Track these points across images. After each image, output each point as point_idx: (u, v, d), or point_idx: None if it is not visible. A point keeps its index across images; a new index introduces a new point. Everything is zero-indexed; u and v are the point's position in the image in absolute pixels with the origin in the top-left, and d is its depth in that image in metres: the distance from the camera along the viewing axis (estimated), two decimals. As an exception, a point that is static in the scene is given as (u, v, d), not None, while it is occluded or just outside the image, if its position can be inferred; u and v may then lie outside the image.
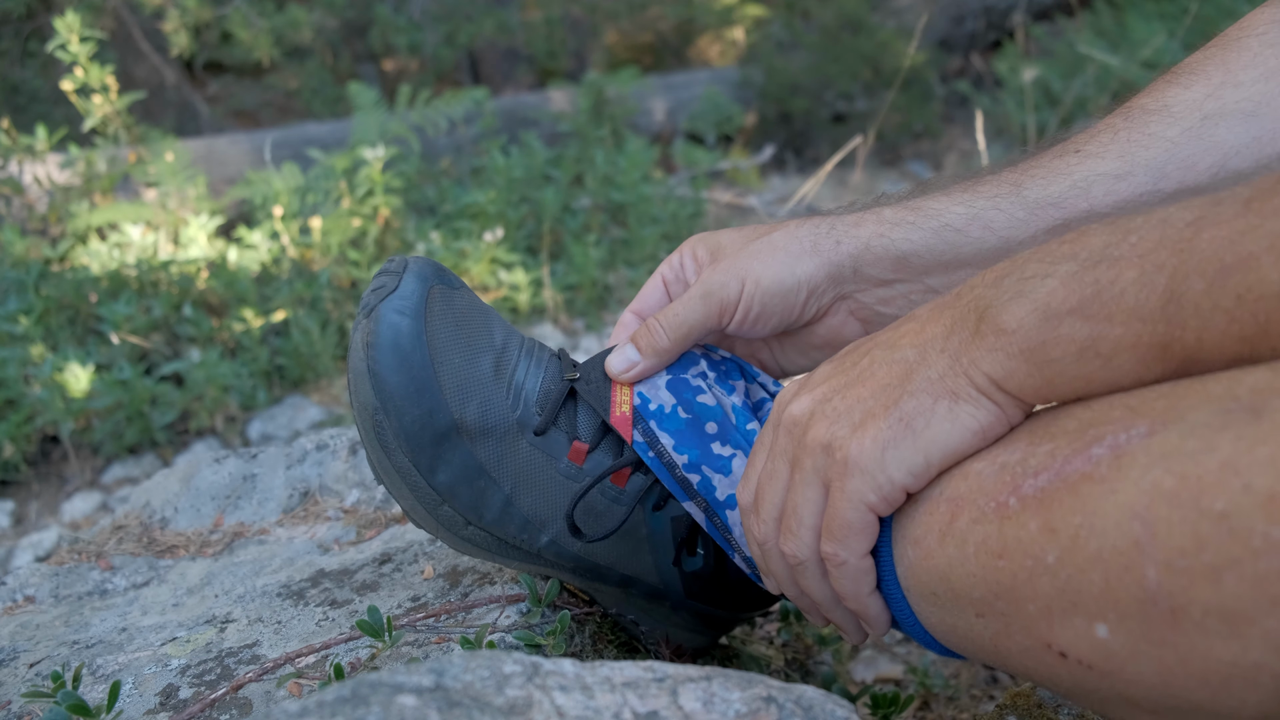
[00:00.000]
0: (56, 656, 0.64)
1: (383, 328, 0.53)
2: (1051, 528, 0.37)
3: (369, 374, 0.53)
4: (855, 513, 0.46)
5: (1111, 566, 0.34)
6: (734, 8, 4.68)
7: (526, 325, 2.18)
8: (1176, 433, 0.34)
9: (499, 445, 0.56)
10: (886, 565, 0.48)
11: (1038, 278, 0.41)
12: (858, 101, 3.85)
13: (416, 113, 2.62)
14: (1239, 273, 0.35)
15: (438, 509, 0.56)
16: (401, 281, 0.55)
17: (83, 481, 1.73)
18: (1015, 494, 0.40)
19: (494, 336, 0.58)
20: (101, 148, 2.32)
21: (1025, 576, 0.38)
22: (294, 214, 2.12)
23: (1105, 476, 0.36)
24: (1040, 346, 0.41)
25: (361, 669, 0.55)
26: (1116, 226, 0.40)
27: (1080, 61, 3.21)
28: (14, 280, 1.83)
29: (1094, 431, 0.38)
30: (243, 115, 4.62)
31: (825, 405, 0.48)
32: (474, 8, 4.28)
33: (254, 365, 1.83)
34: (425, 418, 0.54)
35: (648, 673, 0.42)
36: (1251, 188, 0.36)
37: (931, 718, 0.80)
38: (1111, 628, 0.35)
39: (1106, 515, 0.35)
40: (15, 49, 3.34)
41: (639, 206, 2.45)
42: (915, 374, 0.45)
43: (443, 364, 0.54)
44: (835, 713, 0.41)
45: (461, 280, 0.59)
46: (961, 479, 0.44)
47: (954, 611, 0.44)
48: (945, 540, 0.43)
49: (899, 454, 0.45)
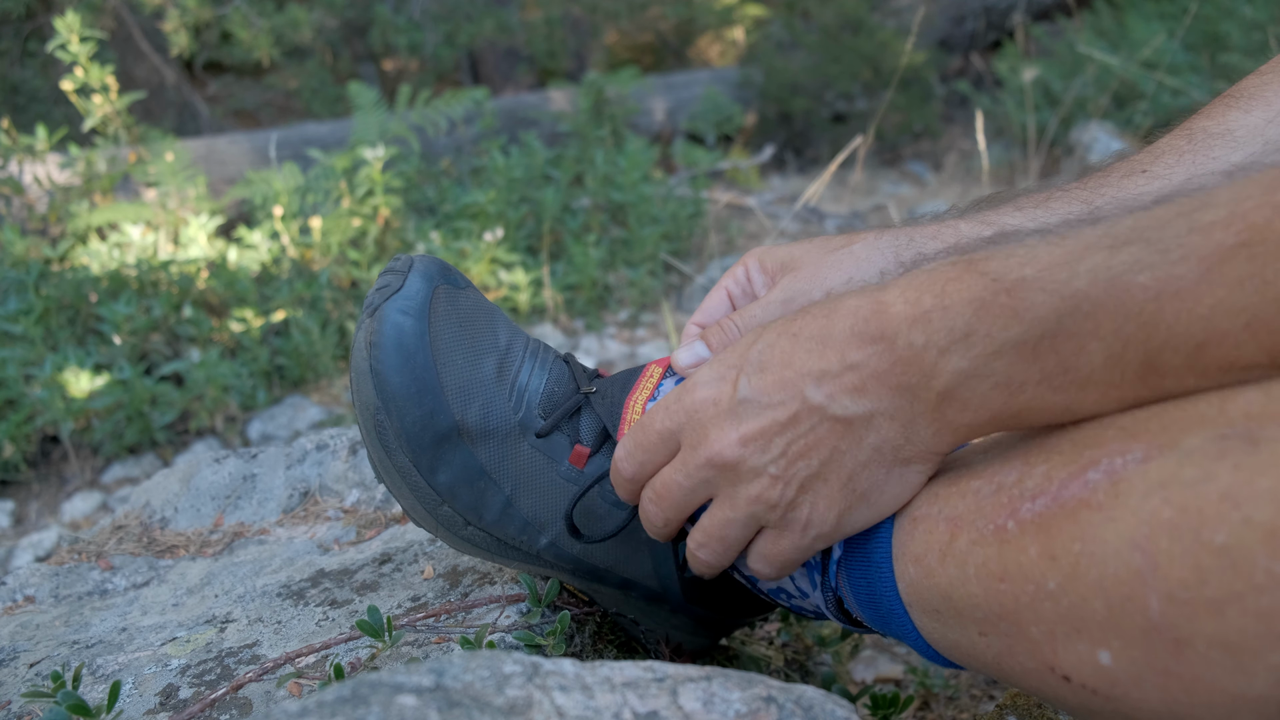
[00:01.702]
0: (56, 656, 0.64)
1: (386, 327, 0.53)
2: (1051, 554, 0.37)
3: (371, 374, 0.53)
4: (802, 555, 0.49)
5: (1113, 595, 0.34)
6: (734, 8, 4.68)
7: (526, 325, 2.18)
8: (1174, 460, 0.34)
9: (500, 447, 0.56)
10: (886, 580, 0.48)
11: (985, 347, 0.40)
12: (858, 101, 3.85)
13: (416, 113, 2.62)
14: (1216, 347, 0.35)
15: (438, 509, 0.56)
16: (406, 281, 0.55)
17: (83, 481, 1.73)
18: (1013, 517, 0.40)
19: (499, 337, 0.58)
20: (101, 148, 2.32)
21: (1027, 600, 0.38)
22: (294, 214, 2.12)
23: (1103, 504, 0.36)
24: (1003, 414, 0.41)
25: (361, 669, 0.55)
26: (1051, 280, 0.38)
27: (1080, 61, 3.21)
28: (14, 280, 1.83)
29: (1089, 454, 0.38)
30: (243, 115, 4.62)
31: (761, 455, 0.46)
32: (474, 8, 4.28)
33: (254, 365, 1.83)
34: (427, 419, 0.54)
35: (648, 673, 0.42)
36: (1204, 239, 0.35)
37: (931, 718, 0.80)
38: (1115, 655, 0.35)
39: (1106, 544, 0.35)
40: (15, 49, 3.34)
41: (639, 206, 2.45)
42: (864, 440, 0.45)
43: (445, 365, 0.54)
44: (835, 713, 0.41)
45: (468, 279, 0.59)
46: (959, 498, 0.44)
47: (957, 629, 0.44)
48: (946, 560, 0.43)
49: (854, 519, 0.47)
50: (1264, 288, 0.33)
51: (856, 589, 0.51)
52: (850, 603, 0.53)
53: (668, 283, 2.47)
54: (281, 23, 3.64)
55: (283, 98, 4.59)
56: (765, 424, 0.46)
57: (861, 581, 0.51)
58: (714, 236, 2.69)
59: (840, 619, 0.55)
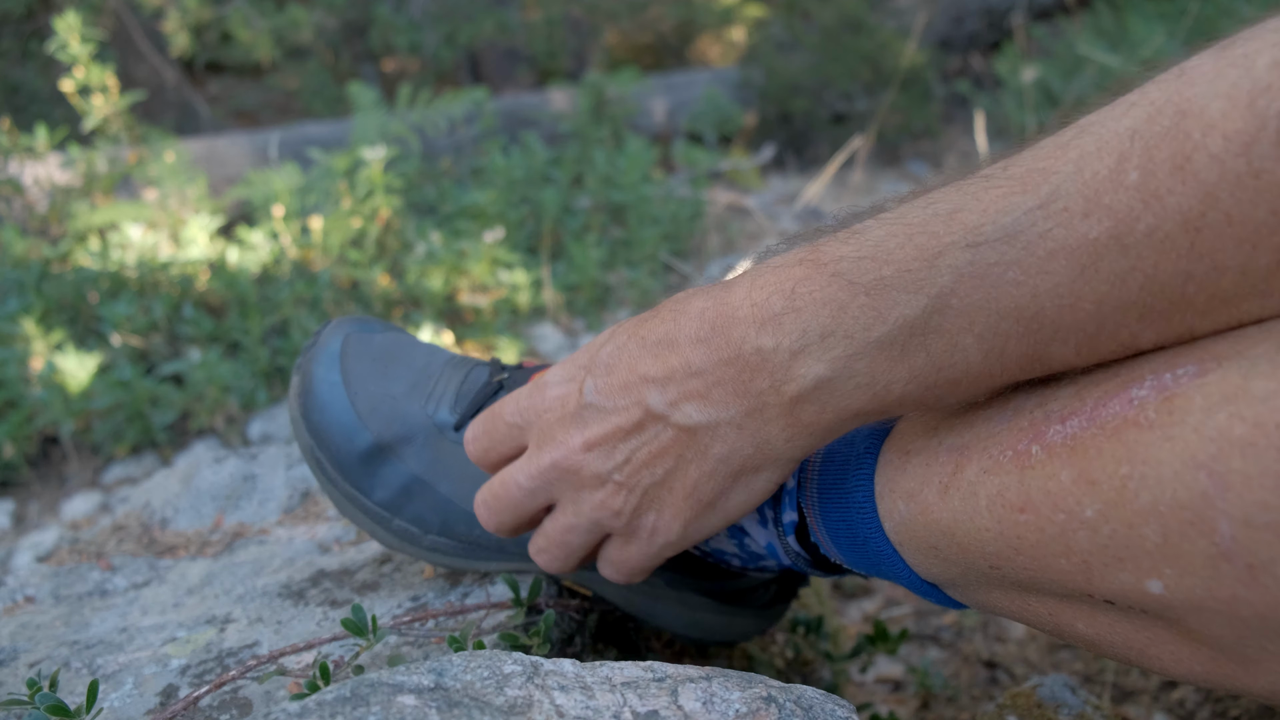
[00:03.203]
0: (56, 656, 0.64)
1: (305, 378, 0.61)
2: (1090, 479, 0.34)
3: (302, 419, 0.61)
4: (652, 562, 0.49)
5: (1171, 521, 0.32)
6: (734, 8, 4.68)
7: (527, 325, 2.18)
8: (1237, 371, 0.31)
9: (423, 449, 0.59)
10: (869, 520, 0.46)
11: (845, 349, 0.38)
12: (858, 101, 3.85)
13: (416, 113, 2.62)
14: (1110, 338, 0.34)
15: (391, 524, 0.60)
16: (320, 337, 0.63)
17: (83, 481, 1.73)
18: (1038, 441, 0.37)
19: (414, 360, 0.63)
20: (101, 148, 2.32)
21: (1056, 531, 0.36)
22: (294, 214, 2.12)
23: (1154, 422, 0.32)
24: (867, 412, 0.40)
25: (346, 668, 0.55)
26: (913, 280, 0.36)
27: (1080, 61, 3.21)
28: (14, 280, 1.83)
29: (1127, 372, 0.35)
30: (243, 115, 4.62)
31: (605, 462, 0.46)
32: (474, 8, 4.28)
33: (254, 365, 1.83)
34: (347, 443, 0.60)
35: (648, 673, 0.42)
36: (1067, 232, 0.33)
37: (931, 718, 0.80)
38: (1169, 584, 0.33)
39: (1162, 465, 0.32)
40: (15, 49, 3.34)
41: (639, 207, 2.45)
42: (709, 450, 0.43)
43: (357, 393, 0.60)
44: (835, 713, 0.41)
45: (390, 325, 0.66)
46: (965, 427, 0.41)
47: (960, 565, 0.42)
48: (949, 493, 0.40)
49: (701, 526, 0.47)
50: (1148, 283, 0.32)
51: (835, 532, 0.49)
52: (828, 547, 0.50)
53: (668, 283, 2.47)
54: (281, 23, 3.64)
55: (283, 98, 4.59)
56: (609, 430, 0.45)
57: (840, 525, 0.48)
58: (714, 237, 2.69)
59: (806, 566, 0.53)
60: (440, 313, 2.05)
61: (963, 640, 0.95)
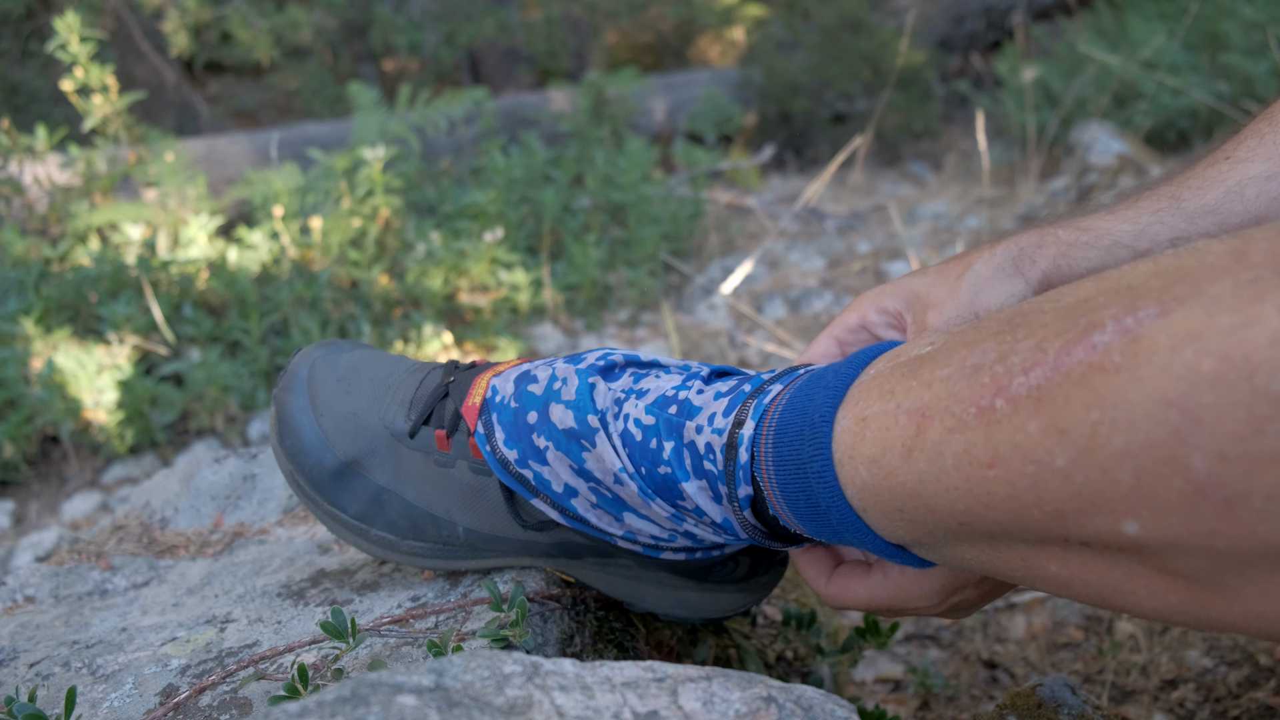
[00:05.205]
0: (56, 656, 0.64)
1: (279, 406, 0.64)
2: (1060, 428, 0.34)
3: (279, 445, 0.64)
4: None
5: (1144, 462, 0.31)
6: (734, 8, 4.68)
7: (527, 325, 2.18)
8: (1200, 309, 0.31)
9: (385, 460, 0.62)
10: (830, 489, 0.45)
11: None
12: (857, 101, 3.85)
13: (416, 113, 2.62)
14: None
15: (369, 534, 0.63)
16: (290, 366, 0.66)
17: (83, 481, 1.73)
18: (1002, 395, 0.36)
19: (376, 374, 0.65)
20: (101, 148, 2.32)
21: (1027, 484, 0.35)
22: (294, 214, 2.12)
23: (1121, 365, 0.32)
24: None
25: (326, 668, 0.55)
26: None
27: (1080, 61, 3.21)
28: (14, 280, 1.83)
29: (1086, 319, 0.35)
30: (243, 115, 4.62)
31: None
32: (474, 8, 4.28)
33: (254, 365, 1.83)
34: (319, 464, 0.63)
35: (648, 673, 0.42)
36: None
37: (931, 718, 0.80)
38: (1146, 524, 0.32)
39: (1133, 406, 0.32)
40: (15, 49, 3.35)
41: (639, 206, 2.45)
42: None
43: (323, 414, 0.63)
44: (835, 713, 0.41)
45: (357, 343, 0.68)
46: (922, 388, 0.41)
47: (927, 525, 0.41)
48: (912, 455, 0.40)
49: None
50: None
51: (795, 503, 0.48)
52: (788, 519, 0.50)
53: (668, 283, 2.47)
54: (281, 23, 3.64)
55: (283, 98, 4.59)
56: None
57: (800, 495, 0.47)
58: (714, 236, 2.69)
59: (764, 540, 0.53)
60: (440, 313, 2.05)
61: (963, 640, 0.95)
